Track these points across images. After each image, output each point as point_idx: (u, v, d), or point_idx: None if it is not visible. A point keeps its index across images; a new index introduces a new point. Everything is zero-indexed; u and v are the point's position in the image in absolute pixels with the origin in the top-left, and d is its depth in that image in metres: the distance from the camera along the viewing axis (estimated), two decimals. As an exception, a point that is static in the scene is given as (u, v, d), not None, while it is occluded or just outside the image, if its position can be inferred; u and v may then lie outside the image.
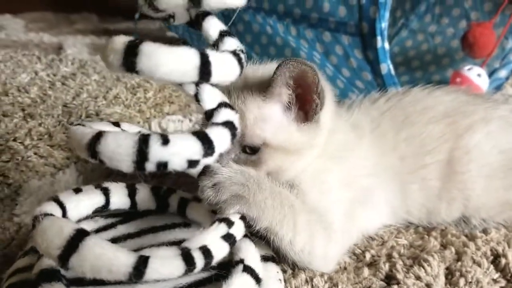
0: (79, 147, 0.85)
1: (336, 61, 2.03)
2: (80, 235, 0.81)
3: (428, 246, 1.26)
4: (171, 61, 0.83)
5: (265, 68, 1.21)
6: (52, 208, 0.99)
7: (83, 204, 1.08)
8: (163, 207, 1.21)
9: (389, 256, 1.22)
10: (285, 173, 1.15)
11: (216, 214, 1.01)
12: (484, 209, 1.32)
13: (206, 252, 0.88)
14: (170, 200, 1.21)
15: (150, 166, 0.83)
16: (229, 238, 0.94)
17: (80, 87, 2.13)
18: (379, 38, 1.79)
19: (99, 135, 0.84)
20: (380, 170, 1.27)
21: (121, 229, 1.15)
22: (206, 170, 1.02)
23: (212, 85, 0.99)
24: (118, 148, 0.82)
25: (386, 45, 1.82)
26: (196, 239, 0.90)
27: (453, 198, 1.31)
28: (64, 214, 1.03)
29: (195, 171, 1.07)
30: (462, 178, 1.30)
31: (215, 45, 1.01)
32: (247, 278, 0.94)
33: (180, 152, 0.85)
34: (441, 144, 1.31)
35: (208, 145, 0.88)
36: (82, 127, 0.91)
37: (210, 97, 0.98)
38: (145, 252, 0.84)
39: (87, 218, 1.13)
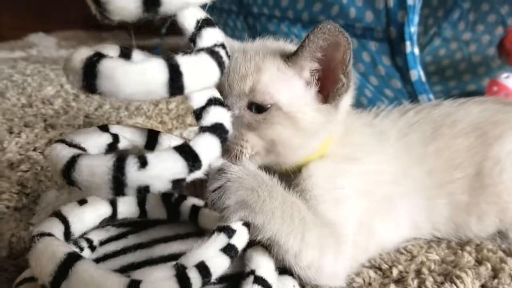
0: (55, 173, 0.79)
1: (364, 69, 1.96)
2: (71, 260, 0.78)
3: (461, 262, 1.15)
4: (133, 81, 0.73)
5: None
6: (52, 225, 0.94)
7: (87, 216, 1.03)
8: (174, 215, 1.15)
9: (418, 272, 1.12)
10: (285, 152, 1.06)
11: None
12: (523, 223, 1.21)
13: (203, 269, 0.81)
14: (181, 208, 1.15)
15: (130, 192, 0.76)
16: (229, 250, 0.86)
17: (104, 98, 2.13)
18: (408, 43, 1.71)
19: (73, 161, 0.77)
20: (403, 181, 1.18)
21: (132, 239, 1.10)
22: (215, 169, 0.94)
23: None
24: (93, 177, 0.74)
25: (416, 50, 1.74)
26: (193, 255, 0.83)
27: (485, 212, 1.21)
28: (67, 229, 0.98)
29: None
30: (495, 190, 1.20)
31: (193, 41, 0.87)
32: (258, 291, 0.87)
33: (161, 174, 0.77)
34: (470, 158, 1.22)
35: (193, 161, 0.80)
36: (60, 145, 0.83)
37: (198, 93, 0.88)
38: (139, 274, 0.79)
39: (98, 227, 1.09)
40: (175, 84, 0.77)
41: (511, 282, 1.06)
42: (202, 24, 0.89)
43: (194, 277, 0.79)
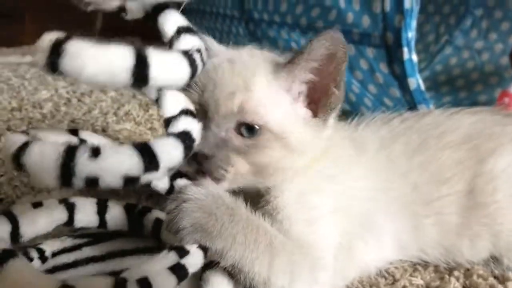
0: (7, 157, 0.75)
1: (362, 77, 1.87)
2: (4, 257, 0.74)
3: None
4: (98, 62, 0.71)
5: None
6: (-4, 223, 0.89)
7: (41, 220, 0.97)
8: (137, 228, 1.08)
9: (398, 298, 1.02)
10: (273, 173, 0.99)
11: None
12: (519, 247, 1.09)
13: (145, 285, 0.74)
14: (145, 221, 1.08)
15: (77, 182, 0.71)
16: (178, 270, 0.80)
17: (95, 103, 2.09)
18: (405, 49, 1.62)
19: (25, 145, 0.73)
20: (384, 197, 1.08)
21: (87, 252, 1.04)
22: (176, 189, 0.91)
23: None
24: (42, 161, 0.71)
25: (414, 57, 1.64)
26: (137, 269, 0.77)
27: (477, 235, 1.10)
28: (16, 230, 0.92)
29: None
30: (488, 211, 1.09)
31: (170, 44, 0.87)
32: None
33: (112, 167, 0.73)
34: (461, 172, 1.11)
35: (149, 159, 0.75)
36: (19, 134, 0.80)
37: (172, 103, 0.87)
38: (75, 281, 0.72)
39: (55, 236, 1.04)
40: (139, 72, 0.75)
41: (500, 312, 0.96)
42: (182, 30, 0.89)
43: None
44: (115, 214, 1.07)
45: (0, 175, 1.49)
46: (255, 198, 0.99)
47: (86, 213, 1.05)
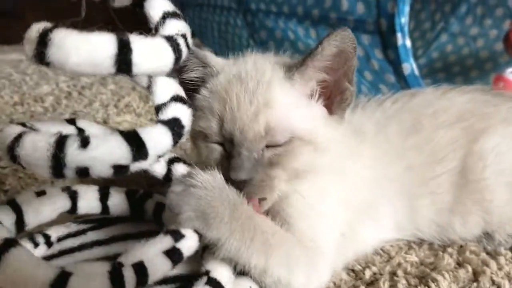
0: (2, 149, 0.76)
1: (358, 64, 1.88)
2: (6, 246, 0.74)
3: (440, 264, 1.08)
4: (81, 50, 0.71)
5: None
6: (2, 212, 0.91)
7: (45, 208, 0.99)
8: (139, 213, 1.11)
9: (393, 275, 1.05)
10: (308, 175, 0.99)
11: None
12: (510, 223, 1.12)
13: (140, 269, 0.76)
14: (146, 206, 1.11)
15: (68, 172, 0.72)
16: (173, 253, 0.81)
17: (95, 96, 2.12)
18: (399, 34, 1.64)
19: (19, 137, 0.74)
20: (384, 182, 1.10)
21: (91, 236, 1.06)
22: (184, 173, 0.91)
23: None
24: (35, 152, 0.72)
25: (408, 43, 1.66)
26: (133, 253, 0.78)
27: (469, 212, 1.13)
28: (20, 218, 0.95)
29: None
30: (478, 187, 1.11)
31: (155, 29, 0.86)
32: (209, 293, 0.82)
33: (102, 156, 0.73)
34: (453, 152, 1.13)
35: (137, 148, 0.76)
36: (14, 126, 0.81)
37: (163, 89, 0.87)
38: (77, 267, 0.74)
39: (59, 223, 1.06)
40: (123, 58, 0.74)
41: (491, 286, 0.99)
42: (168, 15, 0.87)
43: (129, 276, 0.74)
44: (117, 200, 1.10)
45: (5, 167, 1.52)
46: None
47: (88, 200, 1.07)
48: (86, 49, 0.71)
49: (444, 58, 2.62)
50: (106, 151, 0.74)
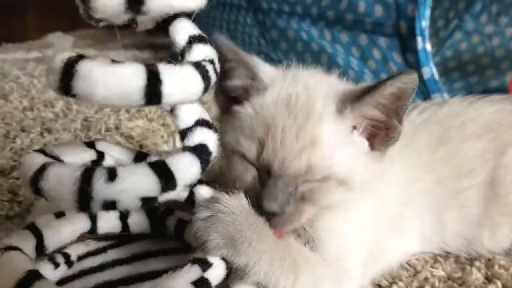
0: (25, 181, 0.75)
1: (375, 66, 1.85)
2: (30, 279, 0.74)
3: (469, 279, 1.06)
4: (109, 83, 0.69)
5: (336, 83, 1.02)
6: (23, 238, 0.89)
7: (64, 230, 0.97)
8: (160, 230, 1.09)
9: (421, 291, 1.03)
10: (341, 208, 0.96)
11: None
12: (540, 236, 1.10)
13: None
14: (167, 222, 1.08)
15: (95, 206, 0.71)
16: (202, 284, 0.79)
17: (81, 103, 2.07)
18: (419, 38, 1.60)
19: (43, 169, 0.72)
20: (413, 197, 1.08)
21: (112, 254, 1.04)
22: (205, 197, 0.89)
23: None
24: (59, 186, 0.70)
25: (428, 47, 1.62)
26: (161, 285, 0.76)
27: (498, 224, 1.10)
28: (41, 243, 0.92)
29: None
30: (506, 201, 1.09)
31: (182, 55, 0.84)
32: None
33: (130, 189, 0.72)
34: (482, 164, 1.11)
35: (166, 179, 0.74)
36: (36, 154, 0.80)
37: (187, 113, 0.85)
38: None
39: (78, 241, 1.03)
40: (152, 90, 0.73)
41: (523, 304, 0.96)
42: (194, 40, 0.85)
43: None
44: (137, 218, 1.07)
45: (18, 178, 1.50)
46: None
47: (108, 219, 1.05)
48: (114, 82, 0.69)
49: (458, 56, 2.57)
50: (134, 184, 0.72)
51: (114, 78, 0.70)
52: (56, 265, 0.97)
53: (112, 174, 0.72)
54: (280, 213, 0.88)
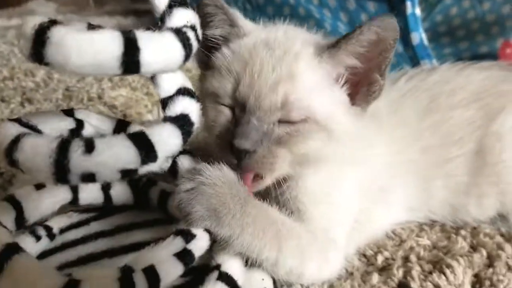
0: (0, 152, 0.71)
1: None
2: (9, 252, 0.71)
3: (454, 247, 1.06)
4: (83, 51, 0.65)
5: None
6: (1, 210, 0.87)
7: (45, 201, 0.95)
8: (143, 201, 1.07)
9: (406, 260, 1.04)
10: (314, 164, 0.94)
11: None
12: (526, 205, 1.10)
13: (151, 274, 0.73)
14: (150, 193, 1.07)
15: (73, 179, 0.68)
16: (184, 256, 0.77)
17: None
18: (409, 3, 1.58)
19: (17, 140, 0.69)
20: (399, 167, 1.07)
21: (94, 227, 1.03)
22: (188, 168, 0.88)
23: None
24: (35, 157, 0.67)
25: (418, 11, 1.60)
26: (143, 257, 0.75)
27: (485, 194, 1.10)
28: (20, 215, 0.91)
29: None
30: (494, 170, 1.09)
31: (162, 20, 0.80)
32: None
33: (108, 162, 0.69)
34: (470, 133, 1.10)
35: (146, 151, 0.72)
36: (11, 124, 0.76)
37: (168, 81, 0.82)
38: (84, 272, 0.72)
39: (60, 213, 1.02)
40: (130, 59, 0.69)
41: (507, 272, 0.97)
42: (175, 3, 0.82)
43: (140, 283, 0.71)
44: (120, 189, 1.06)
45: (-1, 149, 1.46)
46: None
47: (90, 191, 1.03)
48: (89, 50, 0.65)
49: (448, 21, 2.51)
50: (113, 156, 0.69)
51: (88, 45, 0.66)
52: (38, 238, 0.96)
53: (89, 146, 0.69)
54: (252, 153, 0.87)
